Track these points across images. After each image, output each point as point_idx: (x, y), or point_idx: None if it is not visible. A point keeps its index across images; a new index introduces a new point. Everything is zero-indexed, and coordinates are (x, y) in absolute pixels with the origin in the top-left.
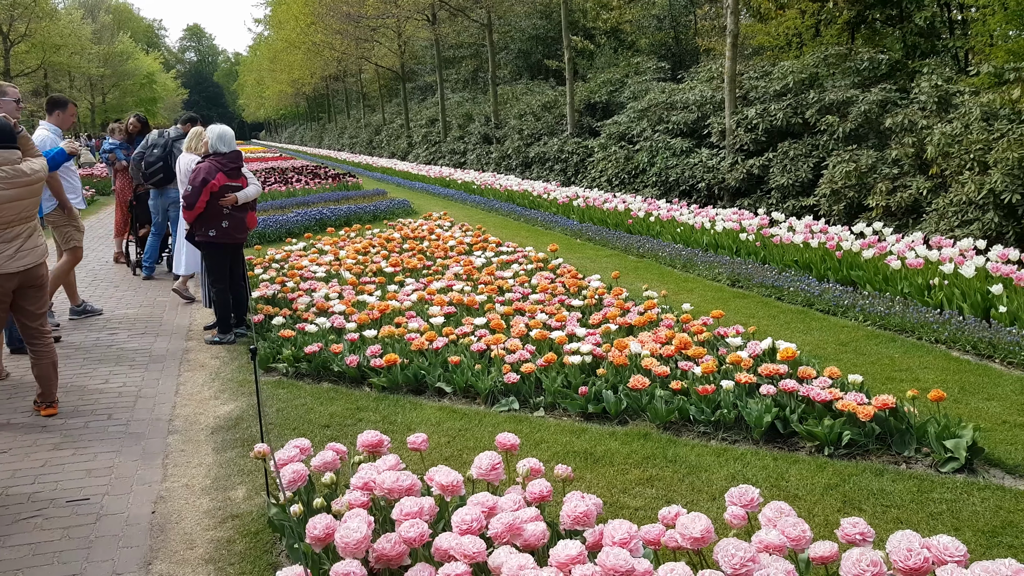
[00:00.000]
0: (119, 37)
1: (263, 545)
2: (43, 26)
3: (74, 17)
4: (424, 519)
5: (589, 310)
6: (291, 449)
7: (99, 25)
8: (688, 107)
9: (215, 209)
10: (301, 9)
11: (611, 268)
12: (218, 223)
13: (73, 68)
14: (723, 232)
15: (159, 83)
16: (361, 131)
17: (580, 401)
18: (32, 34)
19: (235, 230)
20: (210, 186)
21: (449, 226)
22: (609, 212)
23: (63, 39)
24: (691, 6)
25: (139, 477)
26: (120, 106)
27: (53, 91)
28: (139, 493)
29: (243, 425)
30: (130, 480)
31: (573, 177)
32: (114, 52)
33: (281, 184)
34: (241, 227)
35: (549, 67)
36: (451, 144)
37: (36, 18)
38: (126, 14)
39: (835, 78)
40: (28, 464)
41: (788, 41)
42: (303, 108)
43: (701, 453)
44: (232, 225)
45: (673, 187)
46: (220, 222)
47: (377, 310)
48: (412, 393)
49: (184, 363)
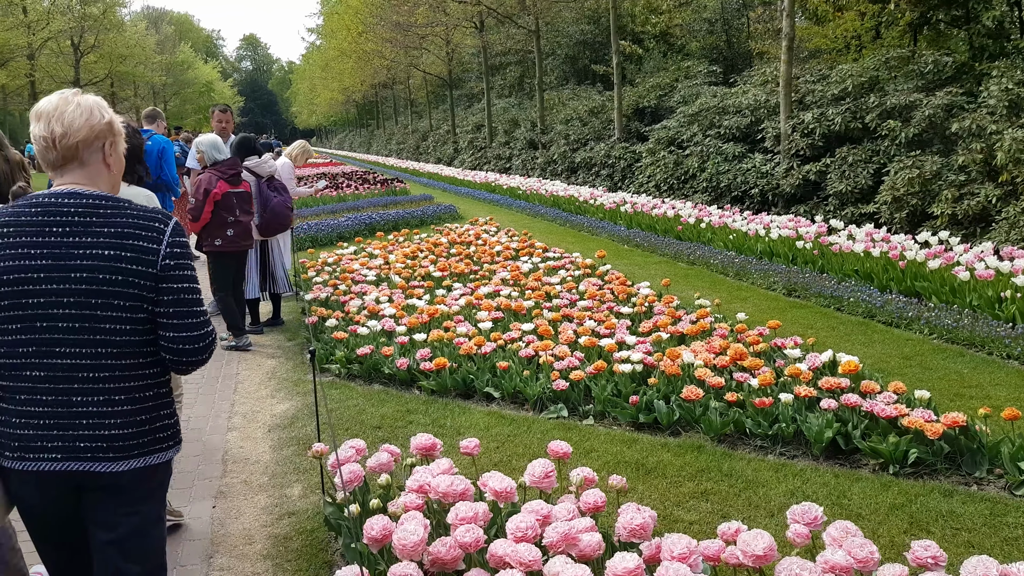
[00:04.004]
0: (180, 47)
1: (319, 543)
2: (111, 37)
3: (139, 28)
4: (479, 524)
5: (639, 318)
6: (347, 450)
7: (162, 36)
8: (741, 111)
9: (220, 219)
10: (352, 19)
11: (660, 275)
12: (223, 232)
13: (137, 77)
14: (778, 239)
15: (217, 91)
16: (408, 137)
17: (631, 410)
18: (100, 45)
19: (240, 238)
20: (212, 196)
21: (495, 231)
22: (658, 218)
23: (129, 50)
24: (743, 9)
25: (200, 472)
26: (180, 113)
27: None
28: (200, 488)
29: (298, 424)
30: (192, 475)
31: (620, 182)
32: (175, 62)
33: (332, 189)
34: (246, 235)
35: (596, 72)
36: (496, 149)
37: (104, 30)
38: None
39: (897, 82)
40: None
41: (846, 44)
42: (352, 115)
43: (758, 468)
44: (237, 233)
45: (724, 193)
46: (225, 231)
47: (426, 314)
48: (461, 397)
49: (242, 361)
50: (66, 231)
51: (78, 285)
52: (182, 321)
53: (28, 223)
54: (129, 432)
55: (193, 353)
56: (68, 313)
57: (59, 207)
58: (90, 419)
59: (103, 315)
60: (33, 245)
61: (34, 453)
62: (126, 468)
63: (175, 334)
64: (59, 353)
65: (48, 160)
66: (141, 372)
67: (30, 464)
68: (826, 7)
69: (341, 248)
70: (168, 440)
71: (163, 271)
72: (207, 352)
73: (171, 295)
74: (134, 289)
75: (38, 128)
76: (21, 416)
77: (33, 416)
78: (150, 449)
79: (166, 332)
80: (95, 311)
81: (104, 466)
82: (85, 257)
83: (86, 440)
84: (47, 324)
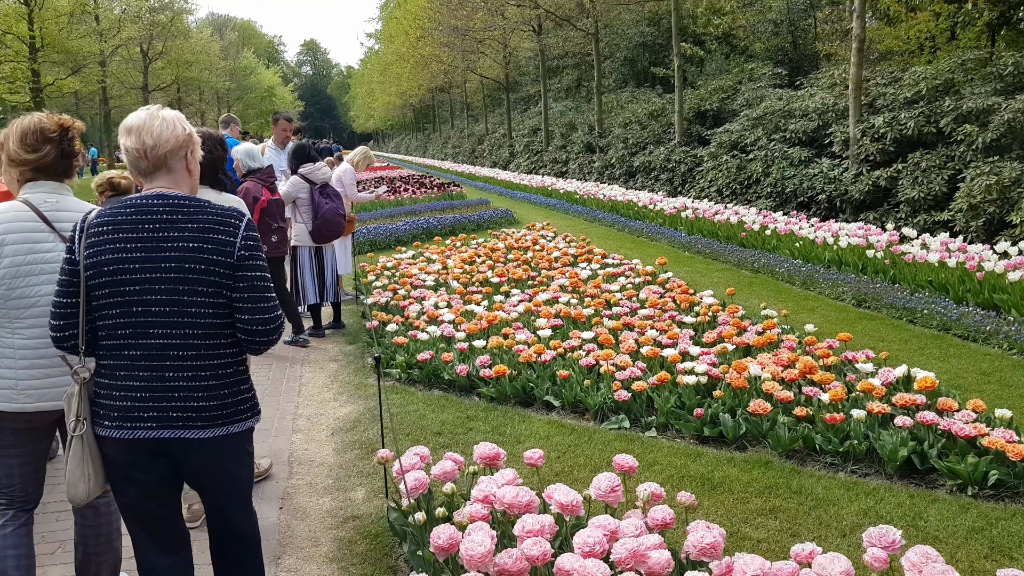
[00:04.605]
0: (243, 53)
1: (383, 548)
2: (177, 44)
3: (204, 35)
4: (546, 537)
5: (702, 327)
6: (411, 456)
7: (226, 42)
8: (807, 115)
9: (265, 225)
10: (411, 24)
11: (724, 283)
12: (268, 238)
13: (203, 83)
14: (848, 248)
15: (278, 96)
16: (464, 141)
17: (695, 423)
18: (168, 51)
19: (281, 243)
20: (260, 204)
21: (552, 236)
22: (720, 224)
23: (194, 56)
24: (810, 9)
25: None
26: (243, 118)
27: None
28: (268, 488)
29: (360, 427)
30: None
31: (680, 187)
32: (238, 67)
33: (390, 193)
34: (284, 241)
35: (656, 75)
36: (553, 153)
37: (172, 36)
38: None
39: (974, 84)
40: None
41: (919, 45)
42: (409, 119)
43: (828, 485)
44: (280, 239)
45: (790, 199)
46: (270, 237)
47: (485, 320)
48: (520, 405)
49: (305, 364)
50: (156, 228)
51: (168, 274)
52: (255, 305)
53: (124, 222)
54: (215, 404)
55: (265, 334)
56: (160, 299)
57: (150, 208)
58: (181, 392)
59: (189, 300)
60: (129, 240)
61: (132, 423)
62: (211, 435)
63: (250, 316)
64: (153, 335)
65: (140, 168)
66: (222, 351)
67: (128, 432)
68: (898, 7)
69: (399, 252)
70: (248, 411)
71: (239, 261)
72: (277, 333)
73: (246, 282)
74: (215, 277)
75: (130, 141)
76: (121, 390)
77: (131, 390)
78: (232, 419)
79: (242, 315)
80: (183, 296)
81: (193, 433)
82: (173, 250)
83: (178, 411)
84: (142, 309)
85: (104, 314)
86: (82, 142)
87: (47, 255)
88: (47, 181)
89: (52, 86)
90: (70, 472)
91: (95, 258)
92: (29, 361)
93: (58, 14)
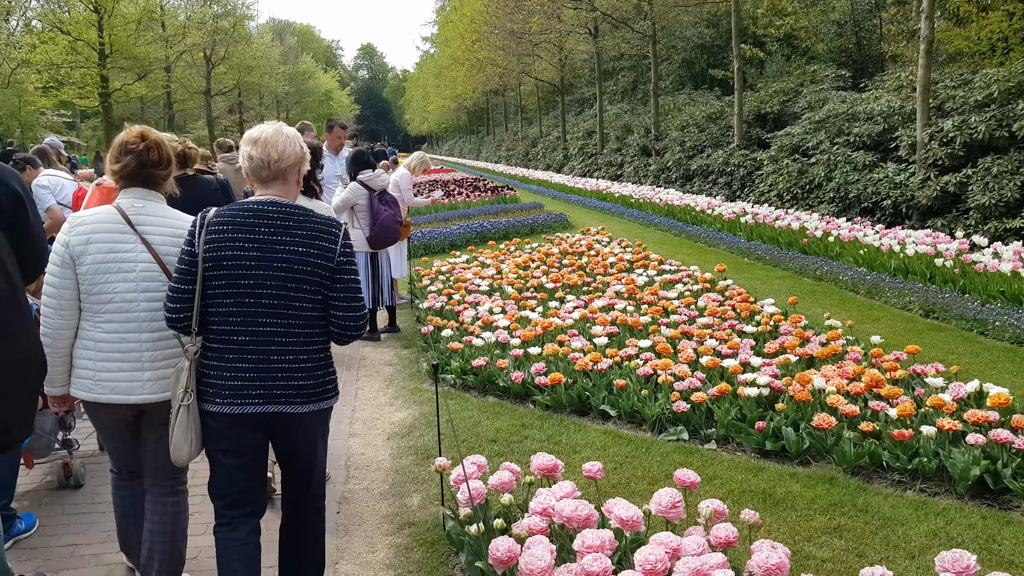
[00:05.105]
0: (302, 58)
1: (439, 556)
2: (239, 49)
3: (265, 40)
4: (606, 553)
5: (763, 337)
6: (469, 466)
7: (286, 47)
8: (872, 118)
9: None
10: (467, 27)
11: (784, 291)
12: None
13: (263, 87)
14: (915, 256)
15: (335, 99)
16: (518, 143)
17: (757, 437)
18: (230, 57)
19: None
20: None
21: (608, 241)
22: (781, 230)
23: (255, 61)
24: (876, 9)
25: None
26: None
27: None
28: (327, 492)
29: (416, 433)
30: None
31: (738, 191)
32: (297, 72)
33: (444, 197)
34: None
35: (714, 77)
36: (608, 156)
37: (234, 42)
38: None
39: None
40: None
41: (991, 46)
42: (463, 121)
43: (896, 504)
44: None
45: (853, 204)
46: None
47: (540, 327)
48: (576, 414)
49: (361, 368)
50: (270, 231)
51: (278, 272)
52: (349, 304)
53: (243, 223)
54: (310, 383)
55: (355, 328)
56: (269, 293)
57: (265, 213)
58: (283, 373)
59: (294, 295)
60: (246, 240)
61: (241, 400)
62: (306, 410)
63: (343, 313)
64: (261, 323)
65: (261, 176)
66: (317, 339)
67: (238, 408)
68: (968, 7)
69: (454, 256)
70: (333, 390)
71: (338, 265)
72: (364, 328)
73: (342, 283)
74: (317, 278)
75: (255, 151)
76: (231, 371)
77: (240, 371)
78: (323, 396)
79: (336, 312)
80: (289, 292)
81: (293, 408)
82: (284, 251)
83: (280, 389)
84: (253, 301)
85: (217, 302)
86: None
87: (125, 255)
88: (134, 188)
89: (119, 91)
90: (176, 437)
91: (214, 253)
92: (105, 354)
93: (126, 21)
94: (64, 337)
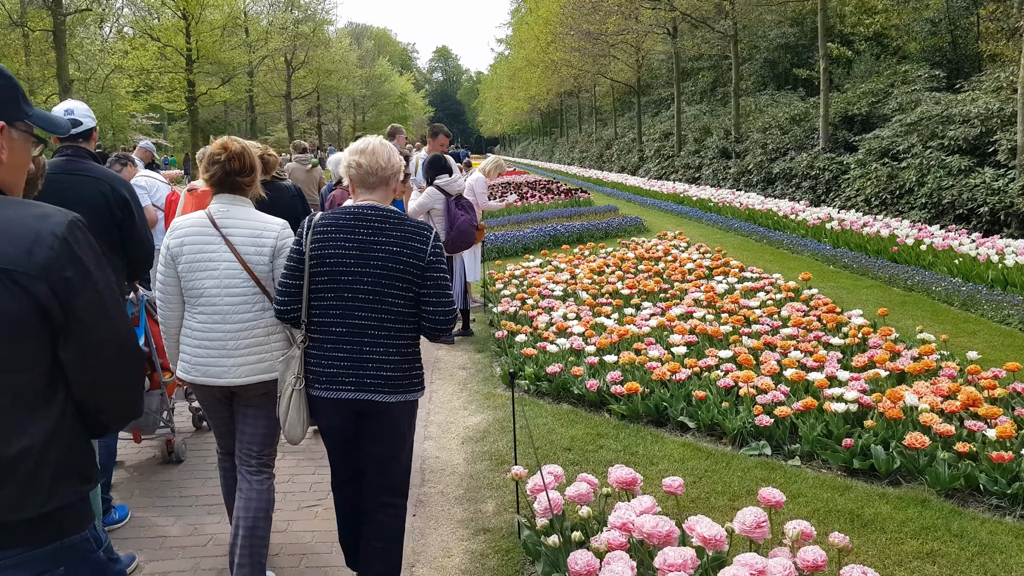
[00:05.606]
0: (378, 61)
1: (514, 564)
2: (319, 53)
3: (343, 44)
4: (688, 572)
5: (851, 350)
6: (545, 475)
7: (363, 51)
8: (968, 121)
9: None
10: (542, 29)
11: (873, 302)
12: None
13: (340, 90)
14: (1015, 267)
15: (410, 102)
16: (591, 145)
17: (844, 454)
18: (310, 61)
19: None
20: None
21: (685, 247)
22: (869, 237)
23: (334, 64)
24: (973, 7)
25: None
26: (377, 123)
27: (324, 111)
28: None
29: (490, 438)
30: None
31: (824, 196)
32: (374, 75)
33: (518, 200)
34: None
35: (798, 77)
36: (685, 159)
37: (313, 47)
38: (385, 39)
39: None
40: (308, 456)
41: None
42: (536, 123)
43: (994, 530)
44: None
45: (947, 210)
46: None
47: (616, 334)
48: (652, 424)
49: (435, 371)
50: (368, 232)
51: (375, 270)
52: (439, 300)
53: (344, 225)
54: (399, 375)
55: (444, 323)
56: (366, 288)
57: (364, 216)
58: (374, 363)
59: (388, 292)
60: (347, 240)
61: (335, 385)
62: (394, 400)
63: (434, 308)
64: (357, 316)
65: (367, 182)
66: (406, 334)
67: (332, 393)
68: None
69: (527, 260)
70: (420, 384)
71: (428, 265)
72: (452, 324)
73: (432, 282)
74: (409, 276)
75: (363, 159)
76: (328, 359)
77: (336, 360)
78: (410, 389)
79: (428, 307)
80: (383, 289)
81: (381, 396)
82: (380, 251)
83: (371, 378)
84: (351, 295)
85: (320, 296)
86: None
87: (211, 255)
88: (223, 194)
89: (205, 95)
90: (290, 419)
91: (319, 251)
92: (198, 342)
93: (212, 27)
94: (173, 325)
